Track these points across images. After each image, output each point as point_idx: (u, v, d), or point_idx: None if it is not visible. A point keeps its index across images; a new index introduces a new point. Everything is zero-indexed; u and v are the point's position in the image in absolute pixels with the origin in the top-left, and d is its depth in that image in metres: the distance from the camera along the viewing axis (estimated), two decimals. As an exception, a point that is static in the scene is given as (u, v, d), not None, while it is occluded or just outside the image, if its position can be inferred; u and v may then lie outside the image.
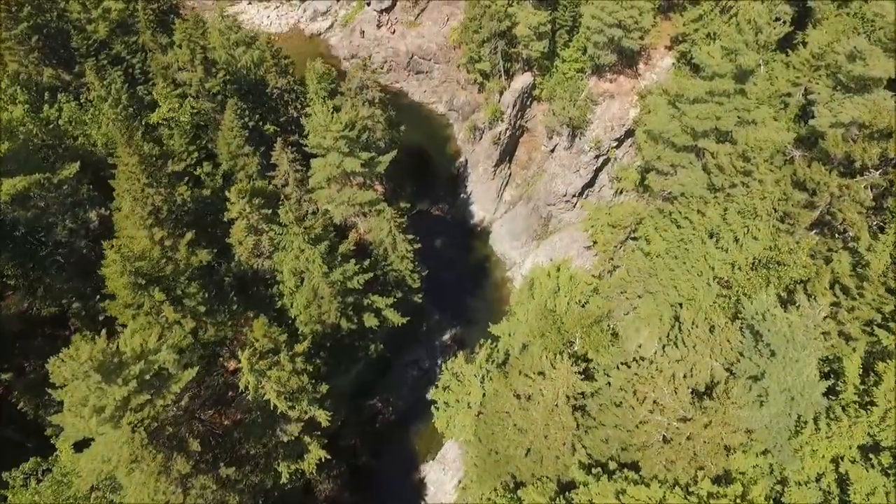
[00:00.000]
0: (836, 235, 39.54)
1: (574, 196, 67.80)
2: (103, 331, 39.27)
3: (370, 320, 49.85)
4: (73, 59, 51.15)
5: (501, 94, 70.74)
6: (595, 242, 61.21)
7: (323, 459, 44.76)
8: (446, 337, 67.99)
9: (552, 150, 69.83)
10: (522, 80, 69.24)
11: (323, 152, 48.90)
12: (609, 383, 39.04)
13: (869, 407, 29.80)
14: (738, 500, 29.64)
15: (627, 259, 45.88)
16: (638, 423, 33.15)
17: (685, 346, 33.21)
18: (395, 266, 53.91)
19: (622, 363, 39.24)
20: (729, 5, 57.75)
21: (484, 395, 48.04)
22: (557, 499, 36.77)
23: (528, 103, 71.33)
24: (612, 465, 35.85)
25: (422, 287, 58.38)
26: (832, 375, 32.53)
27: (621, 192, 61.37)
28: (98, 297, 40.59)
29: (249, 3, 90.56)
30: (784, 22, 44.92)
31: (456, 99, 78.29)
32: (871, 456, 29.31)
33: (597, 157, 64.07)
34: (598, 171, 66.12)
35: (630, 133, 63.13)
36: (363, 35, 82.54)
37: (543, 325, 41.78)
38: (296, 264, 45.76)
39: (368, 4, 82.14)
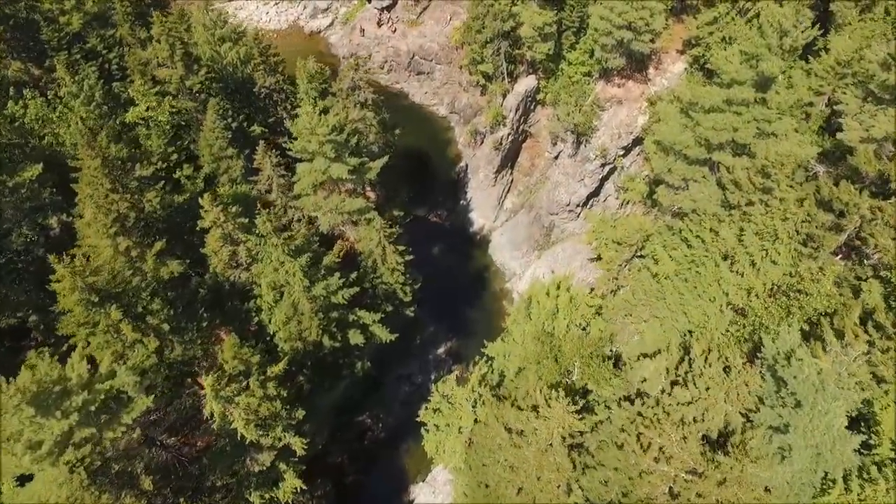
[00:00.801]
0: (865, 262, 35.17)
1: (578, 206, 63.50)
2: (51, 350, 35.99)
3: (355, 337, 45.80)
4: (45, 52, 47.36)
5: (504, 97, 66.56)
6: (599, 257, 57.09)
7: (299, 489, 40.86)
8: (441, 350, 63.88)
9: (556, 157, 65.59)
10: (526, 83, 65.01)
11: (308, 157, 44.94)
12: (610, 418, 34.91)
13: (910, 469, 25.56)
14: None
15: (633, 279, 41.66)
16: (641, 471, 28.98)
17: (696, 386, 28.97)
18: (385, 279, 49.87)
19: (624, 397, 35.05)
20: (746, 7, 53.33)
21: (476, 420, 43.91)
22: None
23: (532, 107, 67.08)
24: (612, 514, 31.73)
25: (414, 300, 54.34)
26: (861, 423, 28.26)
27: (627, 203, 57.05)
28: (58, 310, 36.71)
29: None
30: (811, 25, 40.39)
31: (457, 101, 74.18)
32: (910, 525, 25.11)
33: (602, 165, 59.75)
34: (603, 180, 61.80)
35: (638, 141, 58.84)
36: (363, 34, 78.48)
37: (540, 351, 37.66)
38: (275, 277, 41.79)
39: (369, 2, 78.05)
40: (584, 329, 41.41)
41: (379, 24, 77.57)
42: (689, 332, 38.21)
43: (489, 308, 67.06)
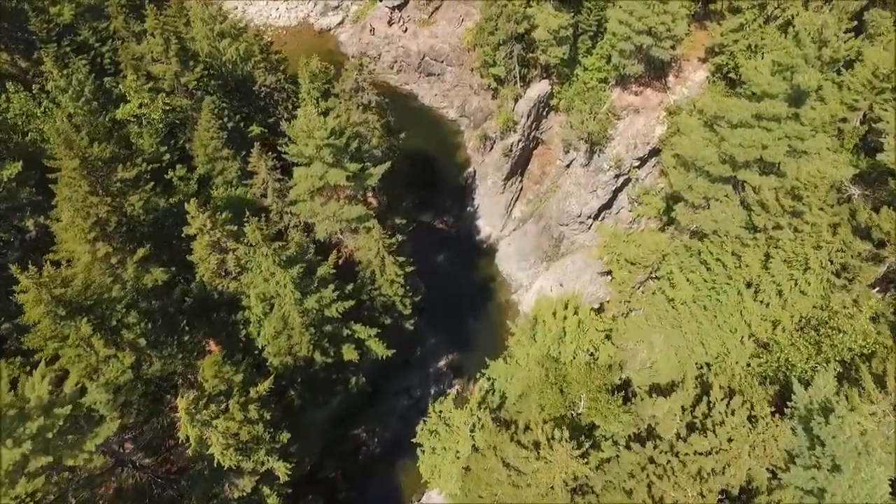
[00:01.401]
0: (905, 296, 31.64)
1: (589, 217, 60.09)
2: (22, 360, 33.40)
3: (349, 354, 42.70)
4: (33, 44, 44.57)
5: (516, 101, 63.12)
6: (610, 272, 53.77)
7: (283, 514, 37.92)
8: (442, 363, 60.72)
9: (568, 166, 62.17)
10: (539, 88, 61.60)
11: (305, 161, 41.91)
12: (618, 456, 31.60)
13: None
14: None
15: (647, 302, 38.25)
16: (652, 527, 25.69)
17: (717, 436, 25.58)
18: (383, 290, 46.75)
19: (634, 435, 31.73)
20: (774, 14, 49.68)
21: (474, 447, 40.74)
22: None
23: (545, 113, 63.67)
24: (617, 567, 28.45)
25: (414, 313, 51.21)
26: (903, 484, 24.74)
27: (641, 217, 53.57)
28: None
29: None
30: (853, 35, 36.67)
31: (468, 104, 70.85)
32: None
33: (617, 176, 56.27)
34: (617, 191, 58.31)
35: (655, 152, 55.32)
36: (373, 32, 75.36)
37: (544, 378, 34.41)
38: (264, 289, 38.78)
39: (381, 0, 74.92)
40: (591, 355, 38.08)
41: (390, 24, 74.43)
42: (707, 364, 34.82)
43: (493, 320, 63.80)
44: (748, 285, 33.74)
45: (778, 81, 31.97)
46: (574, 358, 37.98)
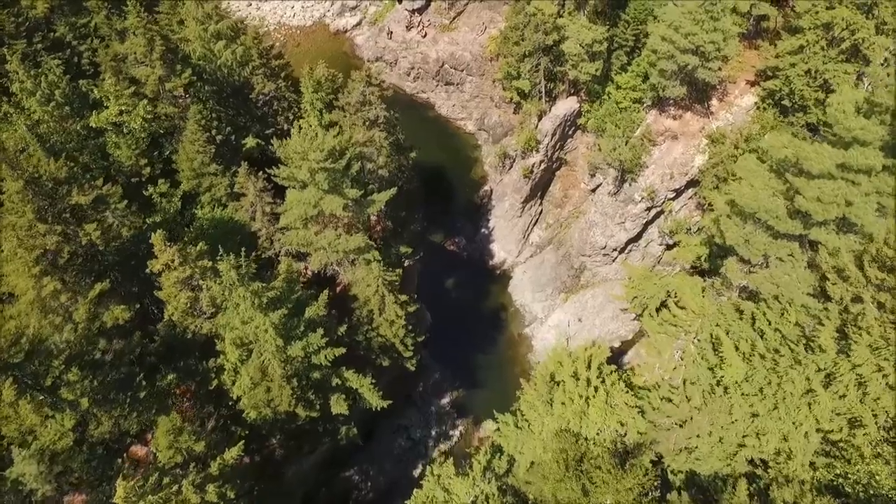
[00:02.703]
0: None
1: (615, 250, 53.23)
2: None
3: (339, 406, 36.23)
4: (1, 40, 38.61)
5: (540, 118, 56.38)
6: (636, 314, 47.03)
7: None
8: (445, 401, 54.28)
9: (593, 190, 55.22)
10: (566, 106, 54.70)
11: (298, 185, 35.60)
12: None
13: None
14: None
15: (688, 376, 31.39)
16: None
17: None
18: (381, 331, 40.29)
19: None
20: (841, 36, 42.36)
21: (475, 521, 34.33)
22: None
23: (571, 133, 56.72)
24: None
25: (417, 352, 44.67)
26: None
27: (675, 260, 46.54)
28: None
29: (274, -9, 77.44)
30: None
31: (488, 118, 64.13)
32: None
33: (648, 209, 49.29)
34: (647, 223, 51.33)
35: (693, 183, 48.32)
36: (391, 36, 68.69)
37: (562, 470, 27.80)
38: (242, 333, 32.45)
39: (400, 2, 68.30)
40: (618, 432, 31.36)
41: (408, 28, 67.76)
42: (763, 462, 27.94)
43: (504, 355, 57.23)
44: (819, 369, 26.84)
45: (873, 126, 24.95)
46: (598, 434, 31.29)
